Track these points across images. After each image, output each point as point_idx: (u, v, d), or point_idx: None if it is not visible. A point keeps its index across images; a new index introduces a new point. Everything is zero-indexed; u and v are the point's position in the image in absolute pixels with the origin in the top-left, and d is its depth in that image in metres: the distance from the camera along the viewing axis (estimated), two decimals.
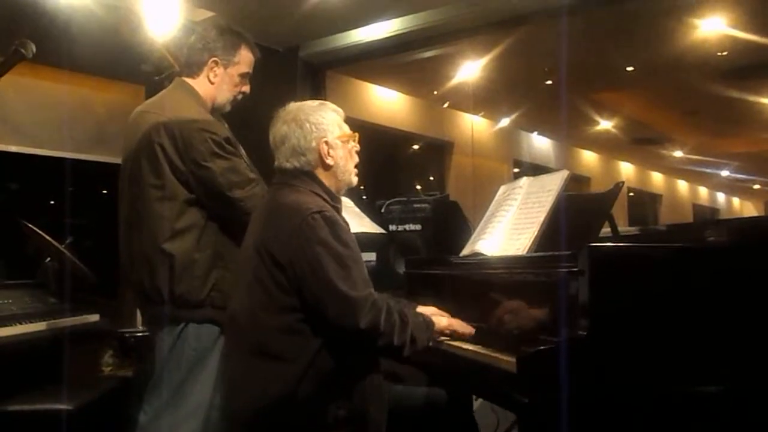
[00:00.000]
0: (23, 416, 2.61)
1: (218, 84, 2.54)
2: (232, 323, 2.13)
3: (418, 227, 3.76)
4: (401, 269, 3.41)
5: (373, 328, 1.90)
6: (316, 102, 2.23)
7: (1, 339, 2.01)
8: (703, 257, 1.91)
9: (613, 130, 10.33)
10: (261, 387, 1.95)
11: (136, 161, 2.41)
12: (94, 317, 3.30)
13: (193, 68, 2.54)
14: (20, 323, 2.80)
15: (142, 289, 2.38)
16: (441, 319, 2.17)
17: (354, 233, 2.12)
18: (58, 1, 4.14)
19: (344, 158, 2.18)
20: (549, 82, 7.83)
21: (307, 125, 2.12)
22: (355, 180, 2.23)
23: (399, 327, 1.94)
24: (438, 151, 9.35)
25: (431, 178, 9.59)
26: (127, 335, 3.58)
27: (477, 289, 2.30)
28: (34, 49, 2.03)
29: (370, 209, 3.71)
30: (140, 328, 3.59)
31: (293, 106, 2.19)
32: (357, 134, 2.24)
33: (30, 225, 3.12)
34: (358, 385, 1.98)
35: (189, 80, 2.54)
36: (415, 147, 9.18)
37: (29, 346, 2.80)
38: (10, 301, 2.89)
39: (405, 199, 3.90)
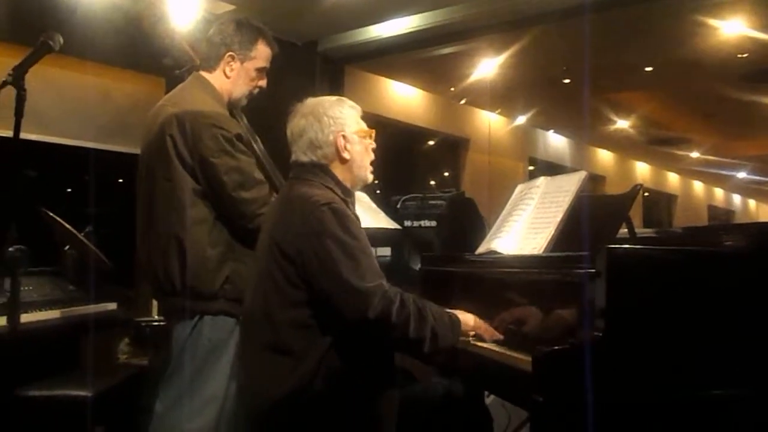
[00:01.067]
0: (43, 402, 2.65)
1: (234, 78, 2.55)
2: (246, 317, 2.15)
3: (433, 224, 3.77)
4: (416, 265, 3.42)
5: (383, 319, 1.88)
6: (335, 97, 2.24)
7: (22, 325, 2.03)
8: (720, 261, 1.91)
9: (630, 130, 10.28)
10: (274, 382, 1.97)
11: (152, 153, 2.44)
12: (112, 306, 3.34)
13: (210, 62, 2.56)
14: (40, 310, 2.85)
15: (157, 279, 2.41)
16: (468, 318, 2.12)
17: (369, 228, 2.13)
18: None
19: (360, 153, 2.19)
20: (567, 80, 7.80)
21: (325, 119, 2.13)
22: (370, 177, 2.24)
23: (416, 320, 1.91)
24: (454, 147, 9.34)
25: (446, 175, 9.58)
26: (143, 324, 3.62)
27: (492, 287, 2.31)
28: (62, 41, 2.05)
29: (385, 204, 3.73)
30: (156, 317, 3.63)
31: (312, 100, 2.21)
32: (374, 131, 2.25)
33: (50, 213, 3.15)
34: (370, 384, 1.99)
35: (206, 74, 2.56)
36: (431, 143, 9.17)
37: (48, 333, 2.84)
38: (31, 288, 2.93)
39: (421, 195, 3.91)
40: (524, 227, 2.40)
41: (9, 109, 1.97)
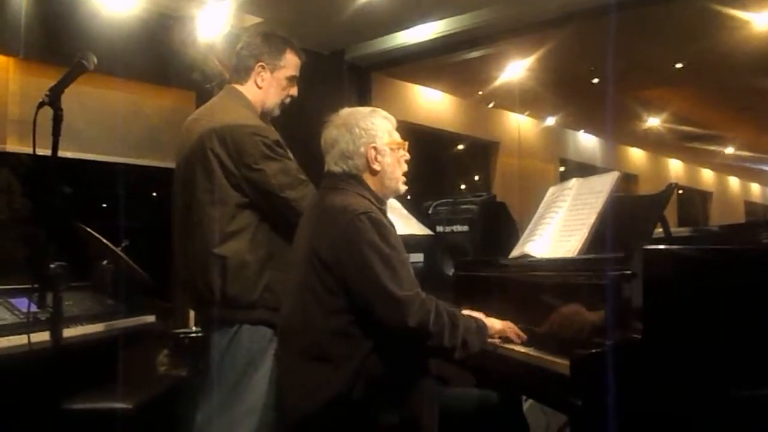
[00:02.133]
0: (86, 414, 2.69)
1: (266, 88, 2.59)
2: (283, 326, 2.17)
3: (465, 228, 3.76)
4: (449, 271, 3.42)
5: (422, 328, 1.90)
6: (368, 108, 2.25)
7: (64, 339, 2.07)
8: (758, 259, 1.88)
9: (661, 128, 10.15)
10: (313, 390, 1.98)
11: (189, 167, 2.47)
12: (150, 318, 3.39)
13: (242, 74, 2.60)
14: (81, 324, 2.90)
15: (196, 290, 2.44)
16: (494, 322, 2.16)
17: (401, 235, 2.13)
18: (111, 10, 4.25)
19: (392, 165, 2.19)
20: (595, 80, 7.74)
21: (357, 130, 2.15)
22: (403, 188, 2.25)
23: (449, 329, 1.94)
24: (484, 151, 9.31)
25: (476, 179, 9.55)
26: (181, 336, 3.66)
27: (527, 291, 2.30)
28: (96, 61, 2.09)
29: (416, 210, 3.72)
30: (194, 328, 3.66)
31: (345, 111, 2.22)
32: (407, 143, 2.26)
33: (87, 228, 3.21)
34: (410, 390, 2.00)
35: (238, 86, 2.60)
36: (461, 147, 9.16)
37: (89, 347, 2.88)
38: (71, 302, 2.98)
39: (452, 200, 3.90)
40: (557, 230, 2.38)
41: (44, 128, 2.01)
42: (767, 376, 1.76)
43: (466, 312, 2.23)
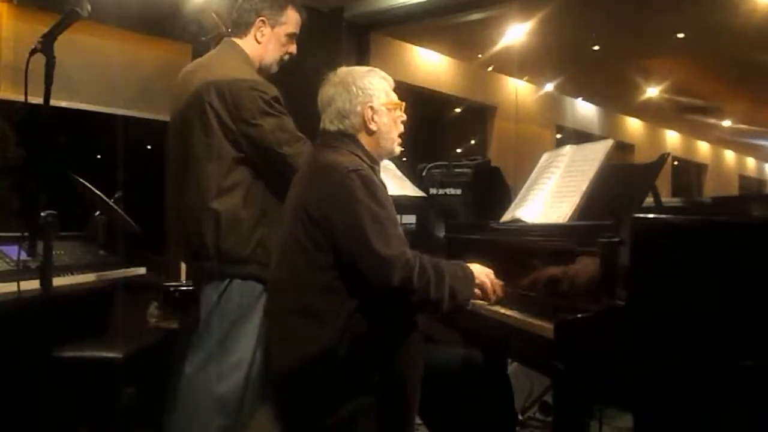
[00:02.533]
0: (75, 363, 2.71)
1: (265, 44, 2.57)
2: (272, 282, 2.18)
3: (458, 192, 3.76)
4: (441, 233, 3.43)
5: (406, 285, 1.90)
6: (366, 68, 2.24)
7: (54, 289, 2.08)
8: (747, 232, 1.89)
9: (660, 98, 10.12)
10: (300, 346, 2.00)
11: (186, 120, 2.46)
12: (141, 270, 3.40)
13: (241, 28, 2.57)
14: (72, 274, 2.90)
15: (189, 244, 2.45)
16: (477, 271, 2.15)
17: (394, 196, 2.14)
18: None
19: (388, 125, 2.19)
20: (596, 47, 7.69)
21: (354, 89, 2.13)
22: (397, 149, 2.24)
23: (435, 282, 1.94)
24: (480, 115, 9.28)
25: (472, 142, 9.53)
26: (172, 289, 3.67)
27: (516, 255, 2.31)
28: (90, 9, 2.06)
29: (410, 172, 3.72)
30: (185, 281, 3.68)
31: (343, 69, 2.20)
32: (404, 103, 2.25)
33: (80, 179, 3.20)
34: (394, 350, 2.01)
35: (237, 40, 2.57)
36: (458, 110, 9.12)
37: (79, 297, 2.90)
38: (63, 252, 2.98)
39: (446, 163, 3.90)
40: (549, 196, 2.39)
41: (38, 76, 1.99)
42: (751, 346, 1.79)
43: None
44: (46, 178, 2.06)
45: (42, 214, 2.00)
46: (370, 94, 2.15)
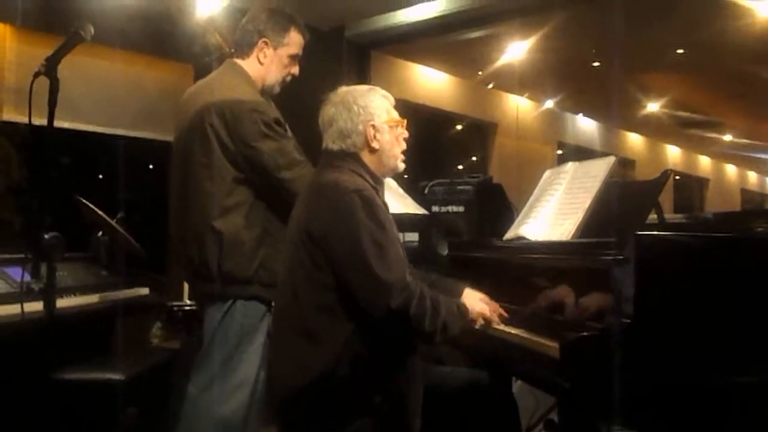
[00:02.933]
0: (77, 385, 2.70)
1: (268, 65, 2.57)
2: (277, 302, 2.18)
3: (461, 209, 3.76)
4: (444, 251, 3.42)
5: (403, 312, 1.89)
6: (366, 87, 2.23)
7: (57, 310, 2.08)
8: (750, 247, 1.89)
9: (661, 113, 10.14)
10: (300, 366, 1.98)
11: (187, 141, 2.47)
12: (144, 290, 3.39)
13: (244, 49, 2.58)
14: (75, 295, 2.90)
15: (191, 265, 2.44)
16: (474, 304, 2.14)
17: (396, 214, 2.13)
18: None
19: (390, 143, 2.18)
20: (596, 63, 7.71)
21: (355, 108, 2.13)
22: (400, 166, 2.23)
23: (430, 314, 1.92)
24: (482, 132, 9.30)
25: (474, 159, 9.55)
26: (175, 308, 3.67)
27: (520, 273, 2.31)
28: (93, 31, 2.08)
29: (412, 190, 3.72)
30: (188, 302, 3.68)
31: (343, 89, 2.20)
32: (405, 121, 2.24)
33: (83, 200, 3.21)
34: (394, 371, 1.99)
35: (239, 61, 2.58)
36: (459, 128, 9.14)
37: (83, 318, 2.89)
38: (66, 273, 2.98)
39: (448, 180, 3.90)
40: (552, 213, 2.39)
41: (42, 98, 2.00)
42: (757, 363, 1.78)
43: (468, 291, 2.23)
44: (50, 200, 2.07)
45: (45, 236, 2.00)
46: (372, 113, 2.14)
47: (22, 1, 3.98)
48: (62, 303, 2.64)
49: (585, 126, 11.05)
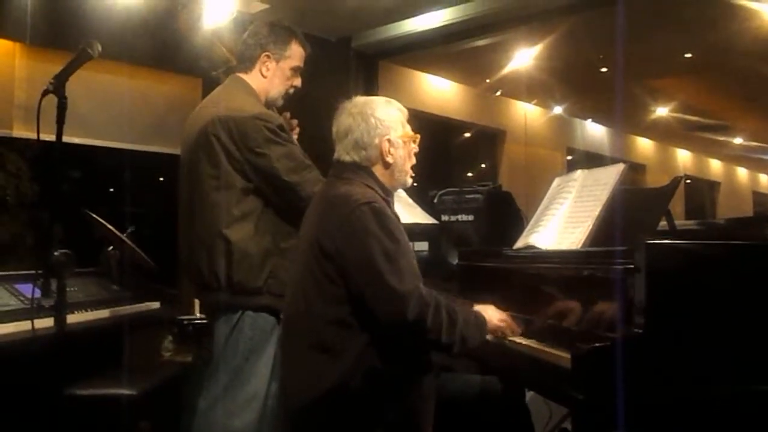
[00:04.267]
0: (89, 400, 2.70)
1: (270, 78, 2.60)
2: (286, 314, 2.17)
3: (470, 218, 3.75)
4: (453, 260, 3.41)
5: (419, 323, 1.88)
6: (383, 98, 2.22)
7: (68, 326, 2.08)
8: (762, 254, 1.87)
9: (670, 117, 10.10)
10: (312, 380, 1.98)
11: (194, 154, 2.49)
12: (155, 305, 3.38)
13: (246, 63, 2.61)
14: (86, 310, 2.90)
15: (200, 276, 2.45)
16: (493, 315, 2.13)
17: (406, 223, 2.12)
18: None
19: (403, 158, 2.17)
20: (604, 69, 7.69)
21: (373, 120, 2.11)
22: (409, 181, 2.22)
23: (447, 325, 1.91)
24: (490, 139, 9.29)
25: (483, 167, 9.53)
26: (186, 322, 3.67)
27: (530, 282, 2.30)
28: (100, 49, 2.09)
29: (421, 198, 3.72)
30: (198, 315, 3.67)
31: (360, 99, 2.19)
32: (418, 136, 2.24)
33: (93, 214, 3.22)
34: (408, 386, 1.99)
35: (243, 75, 2.61)
36: (467, 136, 9.13)
37: (94, 333, 2.89)
38: (76, 288, 2.99)
39: (458, 189, 3.89)
40: (562, 221, 2.38)
41: (50, 115, 2.01)
42: None
43: (478, 306, 2.21)
44: (60, 215, 2.07)
45: (56, 252, 2.00)
46: (389, 126, 2.13)
47: (31, 18, 4.01)
48: (73, 318, 2.64)
49: (594, 131, 11.02)
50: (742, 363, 1.74)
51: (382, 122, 2.12)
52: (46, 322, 2.24)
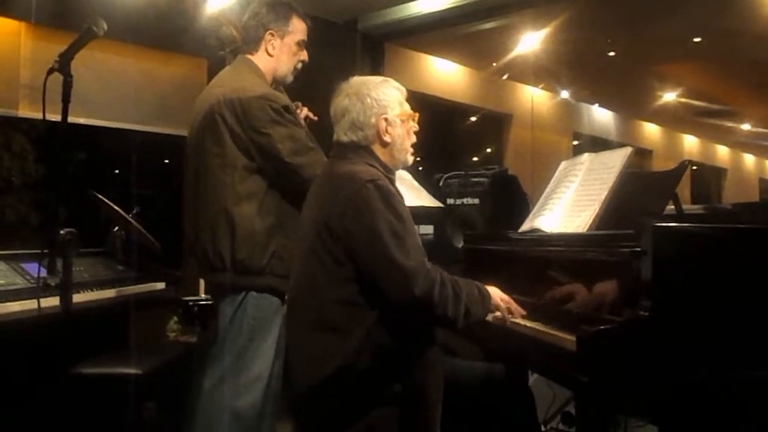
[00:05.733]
0: (94, 379, 2.72)
1: (277, 55, 2.60)
2: (291, 296, 2.17)
3: (476, 201, 3.74)
4: (459, 243, 3.41)
5: (426, 298, 1.89)
6: (380, 78, 2.22)
7: (74, 305, 2.08)
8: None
9: (678, 103, 10.04)
10: (319, 360, 1.98)
11: (200, 134, 2.50)
12: (160, 285, 3.40)
13: (252, 44, 2.61)
14: (91, 290, 2.91)
15: (205, 256, 2.45)
16: (495, 292, 2.13)
17: (411, 207, 2.12)
18: None
19: (402, 137, 2.17)
20: (611, 53, 7.64)
21: (368, 100, 2.12)
22: (410, 159, 2.22)
23: (453, 299, 1.93)
24: (496, 123, 9.25)
25: (489, 151, 9.51)
26: (190, 303, 3.68)
27: (536, 265, 2.29)
28: (105, 27, 2.08)
29: (427, 182, 3.71)
30: (203, 296, 3.69)
31: (356, 80, 2.19)
32: (417, 114, 2.24)
33: (99, 195, 3.22)
34: (415, 362, 1.99)
35: (249, 56, 2.61)
36: (473, 119, 9.09)
37: (99, 312, 2.91)
38: (82, 268, 3.00)
39: (463, 173, 3.88)
40: (568, 205, 2.37)
41: (56, 94, 2.01)
42: None
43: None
44: (65, 195, 2.08)
45: (61, 231, 2.01)
46: (385, 106, 2.13)
47: None
48: (78, 298, 2.65)
49: (601, 116, 10.97)
50: (747, 347, 1.73)
51: (378, 102, 2.12)
52: (52, 301, 2.25)
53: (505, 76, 8.81)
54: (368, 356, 1.94)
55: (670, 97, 9.77)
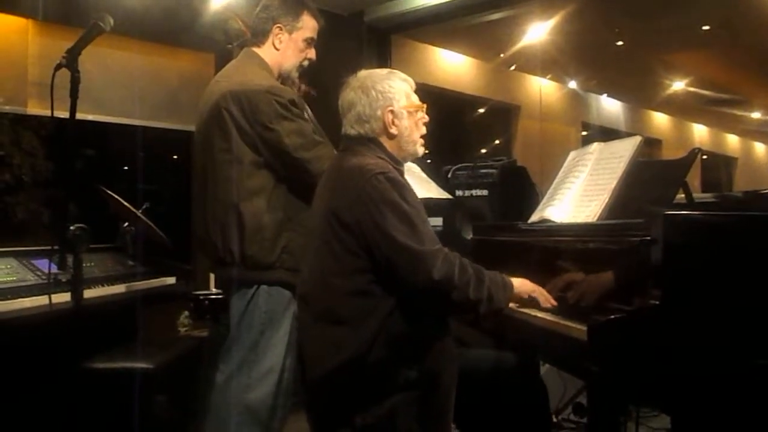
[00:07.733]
0: (106, 373, 2.73)
1: (284, 50, 2.60)
2: (302, 289, 2.17)
3: (485, 193, 3.73)
4: (468, 235, 3.40)
5: (447, 280, 1.90)
6: (386, 70, 2.22)
7: (85, 300, 2.10)
8: None
9: (687, 92, 9.98)
10: (333, 352, 1.99)
11: (207, 129, 2.50)
12: (171, 280, 3.42)
13: (259, 37, 2.61)
14: (102, 285, 2.93)
15: (215, 251, 2.46)
16: (526, 283, 2.11)
17: (420, 199, 2.12)
18: None
19: (409, 128, 2.17)
20: (620, 43, 7.60)
21: (373, 93, 2.12)
22: (420, 150, 2.22)
23: (475, 281, 1.94)
24: (504, 114, 9.22)
25: (497, 143, 9.48)
26: (201, 297, 3.69)
27: (546, 256, 2.28)
28: (112, 22, 2.09)
29: (435, 174, 3.70)
30: (214, 290, 3.69)
31: (363, 73, 2.20)
32: (425, 105, 2.23)
33: (108, 191, 3.23)
34: (429, 349, 2.00)
35: (256, 49, 2.60)
36: (481, 111, 9.07)
37: (110, 307, 2.92)
38: (93, 264, 3.02)
39: (472, 164, 3.87)
40: (577, 195, 2.36)
41: (64, 90, 2.01)
42: None
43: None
44: (75, 191, 2.09)
45: (71, 227, 2.02)
46: (390, 98, 2.13)
47: None
48: (89, 293, 2.67)
49: (609, 106, 10.92)
50: (759, 335, 1.72)
51: (384, 94, 2.12)
52: (63, 297, 2.27)
53: (512, 67, 8.77)
54: (382, 346, 1.95)
55: (679, 86, 9.72)
